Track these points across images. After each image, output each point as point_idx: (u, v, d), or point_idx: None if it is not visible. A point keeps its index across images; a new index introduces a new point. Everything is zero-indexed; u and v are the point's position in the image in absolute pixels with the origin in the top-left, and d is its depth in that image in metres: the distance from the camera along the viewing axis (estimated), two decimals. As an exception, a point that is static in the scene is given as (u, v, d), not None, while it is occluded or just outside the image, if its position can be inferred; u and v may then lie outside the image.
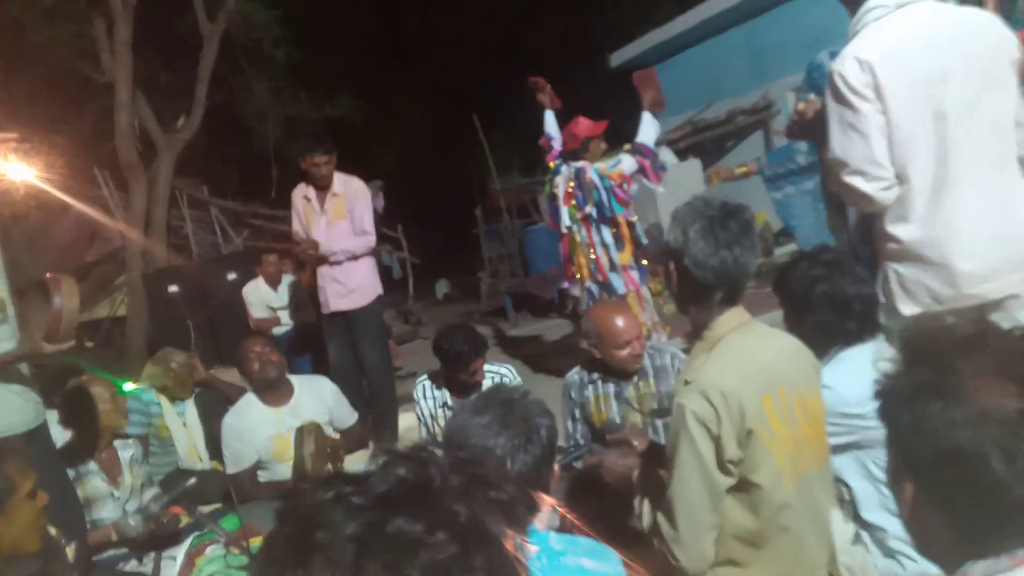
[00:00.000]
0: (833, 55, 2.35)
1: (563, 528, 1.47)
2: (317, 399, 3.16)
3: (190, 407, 3.59)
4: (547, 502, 1.25)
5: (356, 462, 3.28)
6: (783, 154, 3.58)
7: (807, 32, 8.09)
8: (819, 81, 2.62)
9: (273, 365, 3.02)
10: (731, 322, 1.56)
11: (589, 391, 2.57)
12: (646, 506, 1.65)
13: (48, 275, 2.22)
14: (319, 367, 4.61)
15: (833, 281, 1.85)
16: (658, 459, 1.87)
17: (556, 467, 1.35)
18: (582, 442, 2.54)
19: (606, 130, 4.18)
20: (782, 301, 1.99)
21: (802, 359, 1.62)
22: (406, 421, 3.89)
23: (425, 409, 3.00)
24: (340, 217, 3.99)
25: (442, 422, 2.92)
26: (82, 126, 8.81)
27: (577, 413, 2.62)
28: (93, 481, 2.74)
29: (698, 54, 9.78)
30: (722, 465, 1.46)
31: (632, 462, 1.83)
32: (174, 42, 8.88)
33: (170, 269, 7.07)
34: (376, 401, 4.07)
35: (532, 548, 1.04)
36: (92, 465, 2.76)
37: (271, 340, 3.25)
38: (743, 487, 1.51)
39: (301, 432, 2.76)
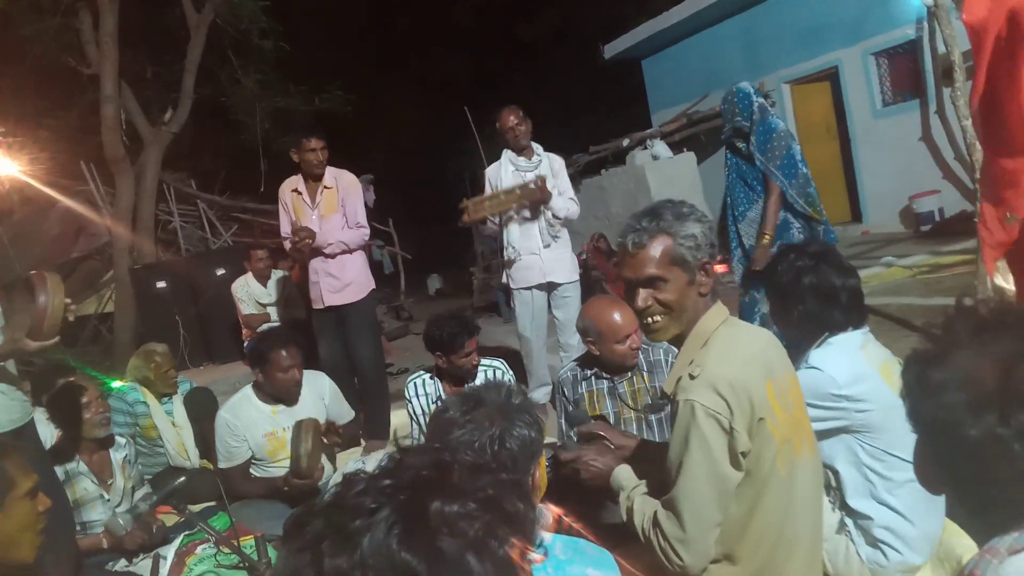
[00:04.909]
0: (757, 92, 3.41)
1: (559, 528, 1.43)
2: (315, 397, 3.11)
3: (178, 406, 3.53)
4: (551, 510, 1.21)
5: (348, 459, 3.25)
6: None
7: (802, 23, 8.07)
8: (745, 107, 3.25)
9: (298, 387, 2.96)
10: (718, 317, 1.57)
11: (583, 388, 2.55)
12: (637, 504, 1.62)
13: (33, 272, 2.16)
14: (308, 363, 4.55)
15: (819, 272, 1.90)
16: (650, 456, 1.84)
17: (536, 475, 1.26)
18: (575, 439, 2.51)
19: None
20: (769, 292, 2.09)
21: (780, 348, 1.64)
22: (398, 418, 3.86)
23: (417, 407, 2.96)
24: (332, 211, 3.93)
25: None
26: (68, 120, 8.68)
27: (571, 410, 2.59)
28: (82, 483, 2.69)
29: (693, 46, 9.74)
30: (734, 458, 1.45)
31: (610, 460, 1.80)
32: (161, 34, 8.76)
33: (158, 264, 6.98)
34: (368, 398, 4.02)
35: (538, 557, 1.00)
36: (82, 466, 2.71)
37: (302, 352, 3.04)
38: (743, 480, 1.49)
39: (299, 427, 2.71)
